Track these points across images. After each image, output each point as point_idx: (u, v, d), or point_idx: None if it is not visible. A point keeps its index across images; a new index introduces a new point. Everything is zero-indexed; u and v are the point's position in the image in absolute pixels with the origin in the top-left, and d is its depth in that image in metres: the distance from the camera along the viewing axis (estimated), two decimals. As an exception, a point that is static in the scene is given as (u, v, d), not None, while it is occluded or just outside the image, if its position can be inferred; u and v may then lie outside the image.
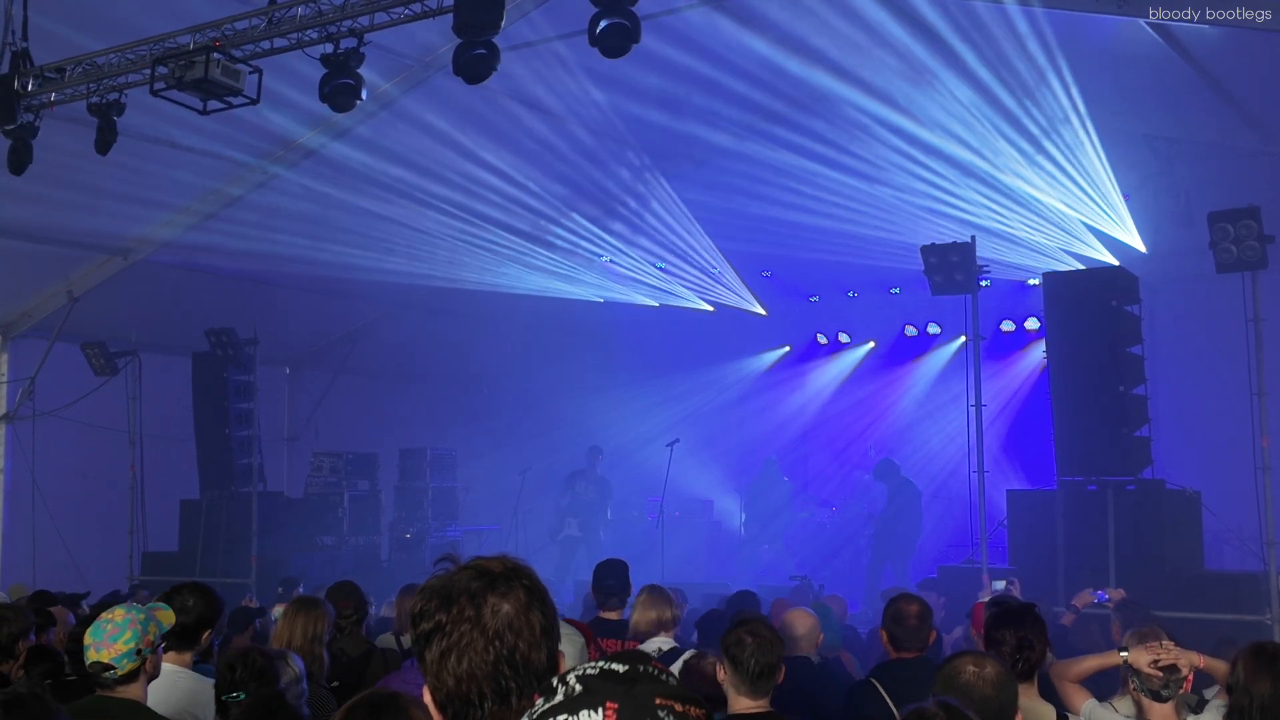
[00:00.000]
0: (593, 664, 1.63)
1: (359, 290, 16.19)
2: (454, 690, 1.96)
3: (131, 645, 4.15)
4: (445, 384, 18.95)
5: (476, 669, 1.95)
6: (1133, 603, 7.96)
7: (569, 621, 4.68)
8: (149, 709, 4.24)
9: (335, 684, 5.51)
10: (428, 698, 2.01)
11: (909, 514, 14.79)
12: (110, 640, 4.14)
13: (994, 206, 13.47)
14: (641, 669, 1.61)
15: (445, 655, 1.96)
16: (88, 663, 4.18)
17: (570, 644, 3.84)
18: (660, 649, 5.90)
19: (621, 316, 18.07)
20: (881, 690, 4.97)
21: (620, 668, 1.61)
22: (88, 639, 4.19)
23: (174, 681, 4.73)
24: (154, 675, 4.33)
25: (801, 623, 6.12)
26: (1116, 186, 12.86)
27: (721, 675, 4.39)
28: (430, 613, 2.00)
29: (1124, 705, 4.55)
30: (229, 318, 14.16)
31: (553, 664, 2.00)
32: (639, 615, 6.23)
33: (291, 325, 16.40)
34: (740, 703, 4.31)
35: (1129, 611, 7.60)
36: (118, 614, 4.23)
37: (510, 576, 2.03)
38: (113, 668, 4.13)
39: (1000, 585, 9.00)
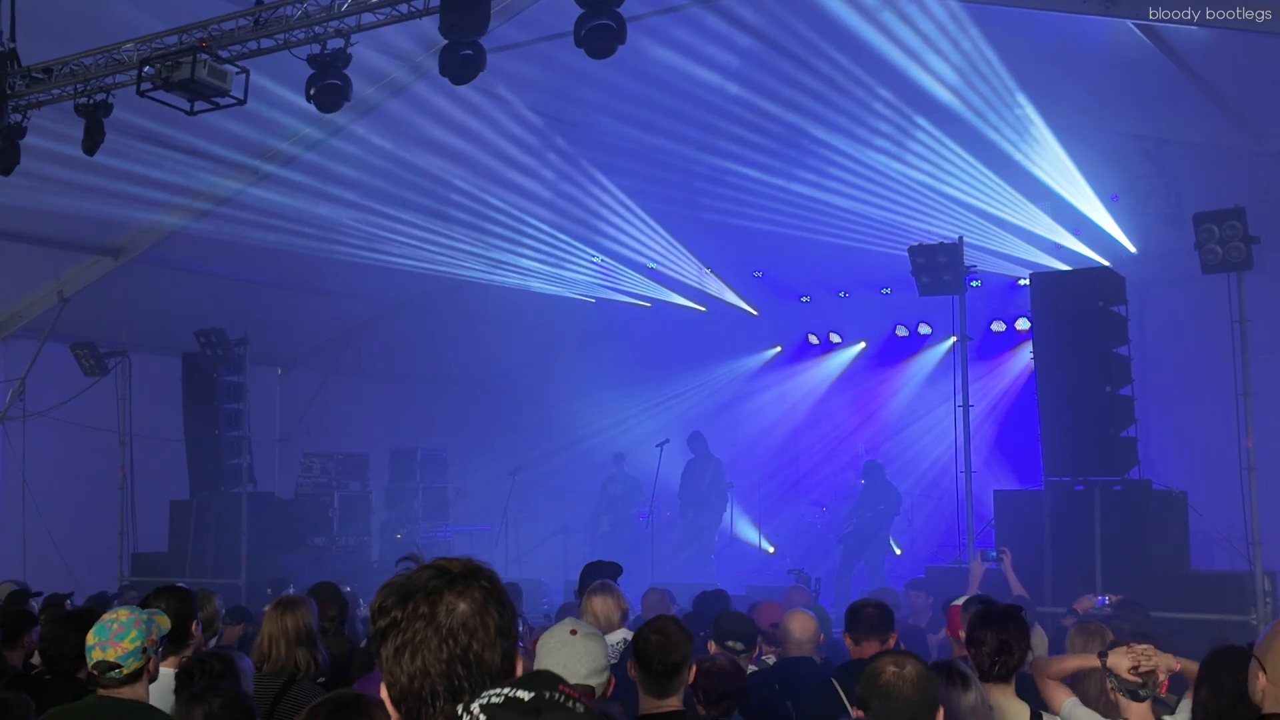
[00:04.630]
0: (498, 691, 1.60)
1: (351, 291, 16.19)
2: (407, 687, 1.97)
3: (138, 644, 4.15)
4: (436, 384, 18.95)
5: (430, 666, 1.96)
6: (1130, 602, 7.96)
7: None
8: (155, 708, 4.23)
9: (321, 680, 5.53)
10: (384, 693, 2.02)
11: (889, 519, 14.86)
12: (116, 639, 4.13)
13: (982, 207, 13.49)
14: (548, 695, 1.59)
15: (399, 652, 1.98)
16: (91, 662, 4.15)
17: (599, 641, 3.97)
18: (625, 639, 5.92)
19: (613, 317, 18.08)
20: (839, 690, 4.96)
21: (525, 695, 1.59)
22: (92, 638, 4.17)
23: (159, 686, 4.70)
24: (154, 677, 4.33)
25: (799, 625, 6.16)
26: (1104, 187, 12.90)
27: (632, 672, 4.35)
28: (387, 609, 2.02)
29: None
30: (219, 318, 14.17)
31: (508, 664, 2.01)
32: (584, 613, 6.22)
33: (282, 326, 16.39)
34: (648, 701, 4.27)
35: (1127, 610, 7.62)
36: (122, 614, 4.23)
37: (469, 576, 2.04)
38: (118, 666, 4.11)
39: (993, 555, 8.99)
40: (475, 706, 1.58)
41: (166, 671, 4.79)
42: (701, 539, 16.16)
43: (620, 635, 6.01)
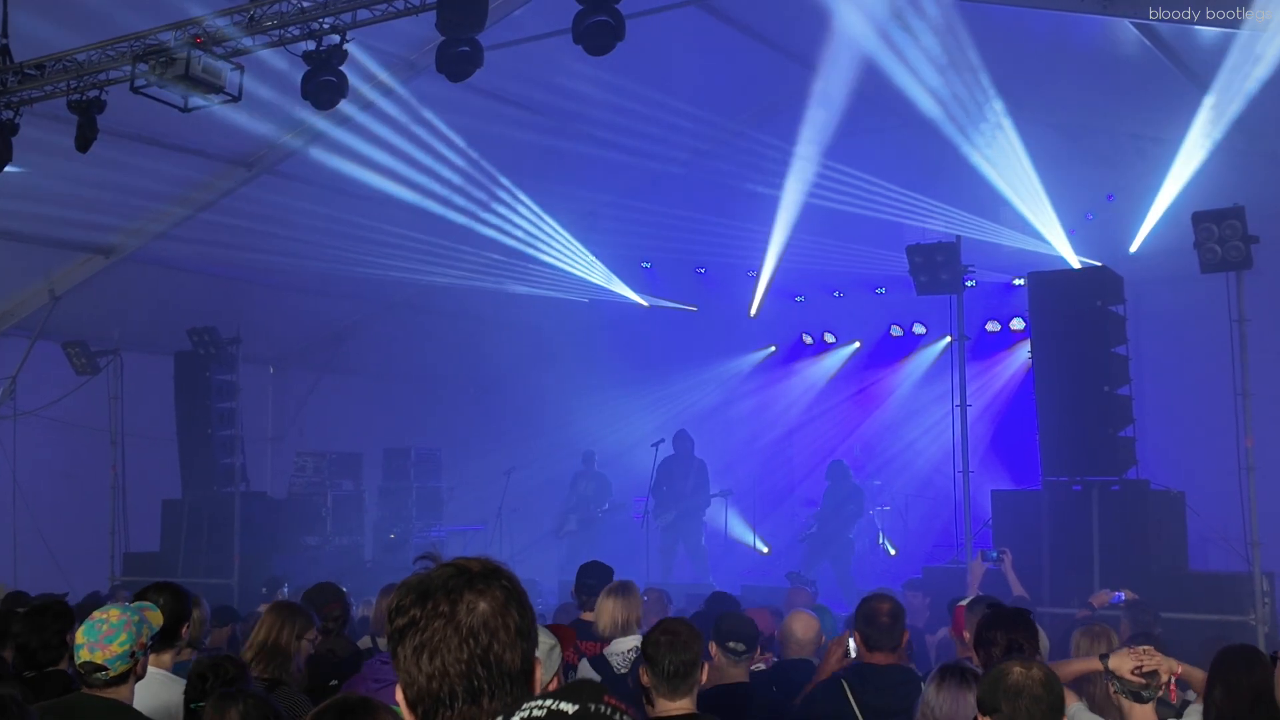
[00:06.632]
0: (539, 704, 1.56)
1: (344, 289, 16.12)
2: (425, 688, 1.93)
3: (126, 647, 4.10)
4: (430, 384, 18.87)
5: (449, 667, 1.91)
6: (1140, 604, 7.95)
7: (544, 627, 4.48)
8: (136, 711, 4.19)
9: (334, 683, 5.50)
10: (399, 695, 1.97)
11: (853, 523, 14.84)
12: (105, 641, 4.08)
13: (977, 206, 13.46)
14: (593, 708, 1.55)
15: (418, 652, 1.93)
16: (79, 662, 4.11)
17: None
18: (636, 647, 5.86)
19: (607, 317, 18.02)
20: (848, 691, 4.89)
21: (570, 708, 1.55)
22: (80, 638, 4.12)
23: (148, 684, 4.68)
24: (141, 677, 4.29)
25: (801, 626, 6.11)
26: (1101, 186, 12.88)
27: (645, 679, 4.31)
28: (406, 608, 1.97)
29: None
30: (212, 316, 14.09)
31: (527, 666, 1.97)
32: (598, 615, 6.20)
33: (276, 324, 16.33)
34: (661, 704, 4.24)
35: (1136, 612, 7.61)
36: (113, 615, 4.17)
37: (489, 576, 1.99)
38: (105, 669, 4.07)
39: (994, 555, 8.95)
40: (517, 719, 1.53)
41: (153, 670, 4.73)
42: (689, 542, 15.99)
43: (632, 643, 5.91)
